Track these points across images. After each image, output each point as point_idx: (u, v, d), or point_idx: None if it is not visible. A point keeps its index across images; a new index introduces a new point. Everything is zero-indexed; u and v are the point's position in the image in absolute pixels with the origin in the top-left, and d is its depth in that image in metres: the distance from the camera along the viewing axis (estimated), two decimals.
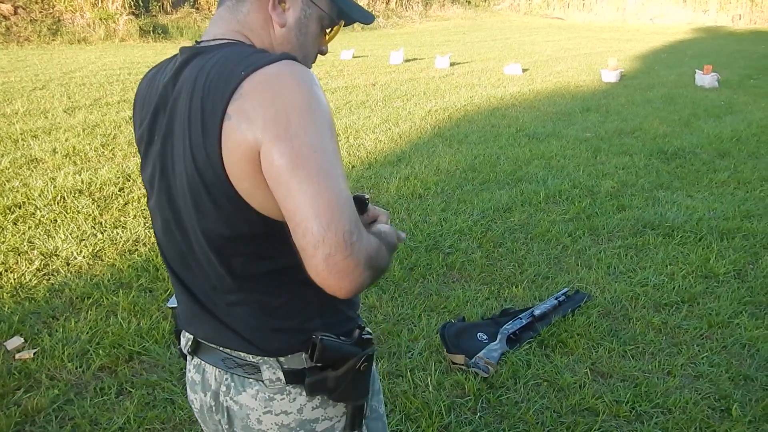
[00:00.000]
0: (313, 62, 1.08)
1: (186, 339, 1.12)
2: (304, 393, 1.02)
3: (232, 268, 0.97)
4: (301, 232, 0.83)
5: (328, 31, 1.09)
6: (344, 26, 1.12)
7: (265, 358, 1.01)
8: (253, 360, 1.02)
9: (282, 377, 1.01)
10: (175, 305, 1.15)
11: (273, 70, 0.88)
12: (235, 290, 0.99)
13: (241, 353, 1.03)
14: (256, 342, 1.01)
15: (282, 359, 1.01)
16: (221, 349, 1.05)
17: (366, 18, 1.12)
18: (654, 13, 29.97)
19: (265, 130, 0.85)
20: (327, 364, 0.99)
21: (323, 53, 1.11)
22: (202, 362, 1.09)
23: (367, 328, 1.07)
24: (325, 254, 0.83)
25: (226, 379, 1.05)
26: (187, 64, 0.97)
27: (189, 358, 1.14)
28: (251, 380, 1.03)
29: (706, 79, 10.32)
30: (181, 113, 0.94)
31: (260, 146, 0.85)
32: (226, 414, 1.06)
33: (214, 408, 1.08)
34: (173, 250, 1.04)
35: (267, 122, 0.85)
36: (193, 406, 1.15)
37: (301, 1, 1.02)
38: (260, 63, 0.88)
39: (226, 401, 1.05)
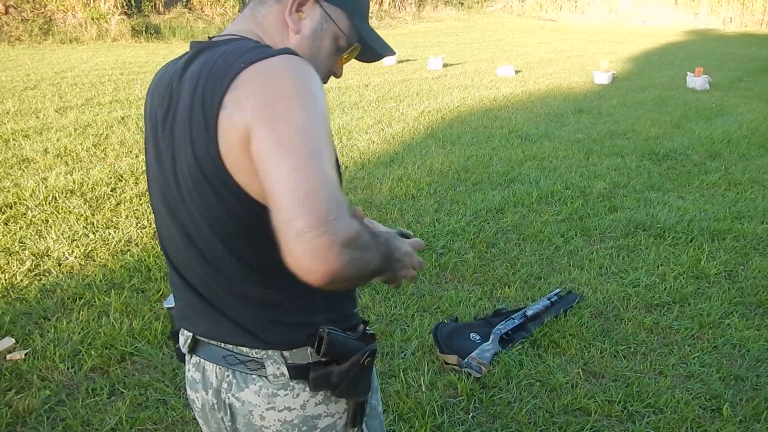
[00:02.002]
0: (325, 82, 1.04)
1: (185, 338, 1.11)
2: (307, 388, 1.02)
3: (241, 257, 0.97)
4: (277, 208, 0.80)
5: (344, 55, 1.08)
6: (366, 59, 1.12)
7: (269, 352, 1.01)
8: (256, 355, 1.02)
9: (286, 372, 1.01)
10: (172, 305, 1.14)
11: (271, 62, 0.88)
12: (241, 282, 0.99)
13: (243, 348, 1.02)
14: (259, 334, 1.01)
15: (286, 353, 1.01)
16: (222, 345, 1.04)
17: (386, 50, 1.11)
18: (646, 16, 30.12)
19: (254, 115, 0.84)
20: (332, 359, 0.99)
21: (336, 76, 1.11)
22: (202, 360, 1.08)
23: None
24: (297, 231, 0.77)
25: (228, 375, 1.04)
26: (196, 57, 0.98)
27: (188, 357, 1.13)
28: (254, 376, 1.02)
29: (697, 81, 10.38)
30: (183, 106, 0.95)
31: (249, 133, 0.84)
32: (228, 411, 1.05)
33: (216, 406, 1.07)
34: (177, 242, 1.04)
35: (255, 108, 0.84)
36: (194, 406, 1.14)
37: (319, 14, 1.03)
38: (261, 56, 0.89)
39: (228, 398, 1.04)
